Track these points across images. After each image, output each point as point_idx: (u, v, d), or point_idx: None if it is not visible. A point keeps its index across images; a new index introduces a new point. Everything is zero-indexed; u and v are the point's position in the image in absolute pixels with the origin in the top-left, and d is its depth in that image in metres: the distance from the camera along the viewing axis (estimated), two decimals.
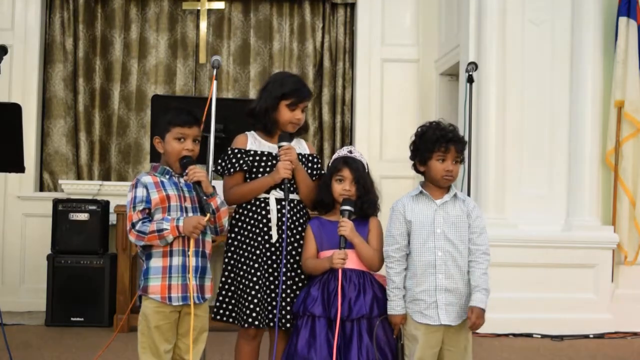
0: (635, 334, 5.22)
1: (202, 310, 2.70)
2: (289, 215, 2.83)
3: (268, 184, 2.83)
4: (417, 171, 2.76)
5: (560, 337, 5.02)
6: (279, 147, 2.84)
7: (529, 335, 5.06)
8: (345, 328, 2.66)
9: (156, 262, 2.61)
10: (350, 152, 2.87)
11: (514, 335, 5.05)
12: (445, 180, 2.68)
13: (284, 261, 2.78)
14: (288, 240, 2.82)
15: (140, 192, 2.59)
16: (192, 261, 2.61)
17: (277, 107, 2.88)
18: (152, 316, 2.60)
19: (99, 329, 5.04)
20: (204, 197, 2.62)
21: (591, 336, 5.10)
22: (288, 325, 2.79)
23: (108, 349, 3.96)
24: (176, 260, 2.60)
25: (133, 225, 2.56)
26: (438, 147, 2.65)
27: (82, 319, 5.10)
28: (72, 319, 5.10)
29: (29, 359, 4.13)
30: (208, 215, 2.59)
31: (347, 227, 2.70)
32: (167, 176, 2.68)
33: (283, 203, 2.82)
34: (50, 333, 4.92)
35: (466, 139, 2.86)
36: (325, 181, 2.85)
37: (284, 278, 2.78)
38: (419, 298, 2.64)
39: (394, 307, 2.66)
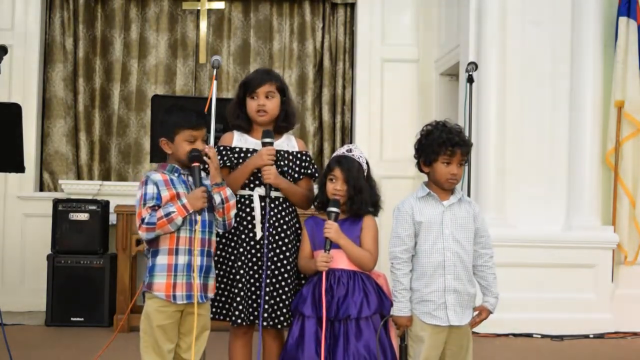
0: (635, 334, 5.22)
1: (205, 309, 2.71)
2: (272, 214, 2.83)
3: (250, 170, 2.82)
4: (421, 171, 2.75)
5: (560, 337, 5.02)
6: (263, 143, 2.83)
7: (529, 335, 5.06)
8: (334, 328, 2.67)
9: (162, 260, 2.61)
10: (350, 150, 2.85)
11: (514, 335, 5.05)
12: (450, 183, 2.68)
13: (267, 260, 2.77)
14: (272, 239, 2.82)
15: (151, 189, 2.60)
16: (197, 260, 2.63)
17: (244, 101, 2.92)
18: (155, 315, 2.60)
19: (99, 329, 5.04)
20: (206, 184, 2.67)
21: (591, 336, 5.10)
22: (275, 322, 2.78)
23: (108, 349, 3.95)
24: (182, 259, 2.61)
25: (142, 220, 2.55)
26: (444, 151, 2.62)
27: (82, 319, 5.10)
28: (72, 319, 5.10)
29: (29, 359, 4.13)
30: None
31: (331, 229, 2.69)
32: (176, 174, 2.69)
33: (267, 200, 2.82)
34: (50, 333, 4.92)
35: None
36: (321, 180, 2.85)
37: (267, 275, 2.78)
38: (428, 299, 2.64)
39: (402, 308, 2.65)
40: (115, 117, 6.30)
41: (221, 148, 2.91)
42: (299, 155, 2.96)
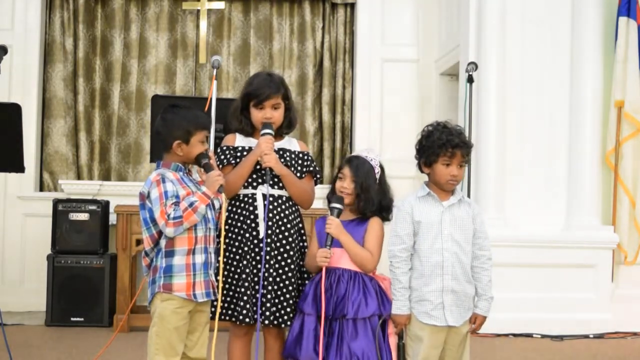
0: (635, 334, 5.22)
1: (208, 306, 2.76)
2: (275, 212, 2.84)
3: (252, 161, 2.83)
4: (422, 171, 2.76)
5: (560, 337, 5.02)
6: (262, 134, 2.84)
7: (529, 335, 5.06)
8: (332, 327, 2.68)
9: (180, 260, 2.62)
10: (365, 152, 2.87)
11: (514, 335, 5.05)
12: (450, 184, 2.69)
13: (266, 257, 2.78)
14: (276, 237, 2.82)
15: (171, 187, 2.61)
16: (211, 257, 2.71)
17: (248, 108, 2.92)
18: (172, 317, 2.61)
19: (99, 329, 5.03)
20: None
21: (591, 336, 5.10)
22: (279, 320, 2.79)
23: (108, 349, 3.96)
24: (199, 258, 2.65)
25: (168, 216, 2.55)
26: (444, 152, 2.64)
27: (82, 319, 5.10)
28: (72, 319, 5.10)
29: (29, 359, 4.13)
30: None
31: (332, 224, 2.71)
32: (181, 173, 2.70)
33: (270, 199, 2.83)
34: (50, 333, 4.92)
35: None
36: (333, 180, 2.88)
37: (269, 274, 2.78)
38: (426, 299, 2.65)
39: (400, 307, 2.66)
40: (115, 117, 6.30)
41: (224, 148, 2.93)
42: (300, 155, 2.97)
